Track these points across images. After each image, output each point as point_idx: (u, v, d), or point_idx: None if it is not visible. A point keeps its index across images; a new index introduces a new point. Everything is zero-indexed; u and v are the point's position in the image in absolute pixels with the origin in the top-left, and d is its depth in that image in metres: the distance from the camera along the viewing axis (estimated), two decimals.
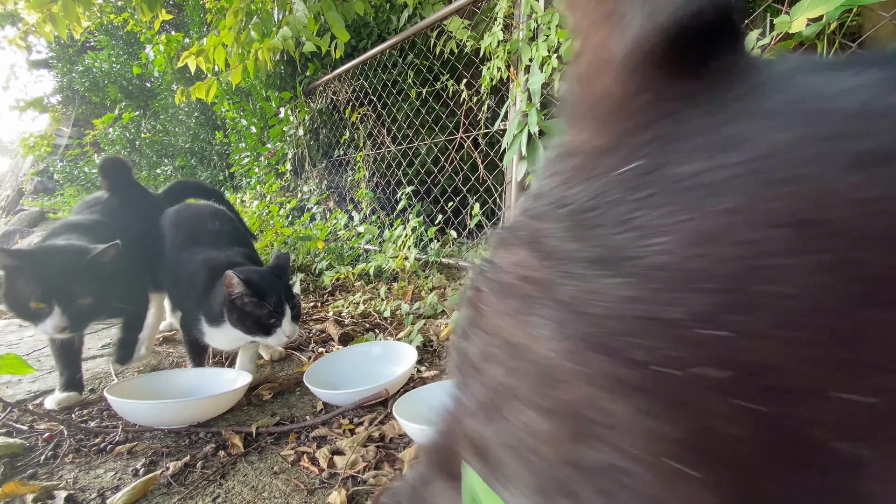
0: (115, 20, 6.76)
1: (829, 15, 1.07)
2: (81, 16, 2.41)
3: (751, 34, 1.21)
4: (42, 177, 8.89)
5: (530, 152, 1.72)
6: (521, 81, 1.78)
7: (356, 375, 1.30)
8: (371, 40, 3.31)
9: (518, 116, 1.78)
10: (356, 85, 3.21)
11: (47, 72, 10.52)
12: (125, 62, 7.83)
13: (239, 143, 4.52)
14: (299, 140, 3.65)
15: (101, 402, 1.22)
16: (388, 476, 0.86)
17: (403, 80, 2.90)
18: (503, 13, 1.87)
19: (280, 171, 3.97)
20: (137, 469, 0.92)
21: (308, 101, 3.68)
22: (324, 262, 2.67)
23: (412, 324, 1.74)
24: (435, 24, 2.39)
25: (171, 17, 3.88)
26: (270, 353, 1.55)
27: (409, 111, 2.90)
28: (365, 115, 3.18)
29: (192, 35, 4.99)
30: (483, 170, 2.34)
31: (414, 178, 2.77)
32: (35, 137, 8.51)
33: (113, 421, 1.12)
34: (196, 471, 0.91)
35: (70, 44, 9.09)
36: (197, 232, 1.34)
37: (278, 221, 3.06)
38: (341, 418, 1.09)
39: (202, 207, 1.41)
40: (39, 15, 2.31)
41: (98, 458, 0.96)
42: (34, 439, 1.04)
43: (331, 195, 3.53)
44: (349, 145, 3.38)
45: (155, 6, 2.57)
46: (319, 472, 0.89)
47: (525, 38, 1.79)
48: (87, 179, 7.25)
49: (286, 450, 0.97)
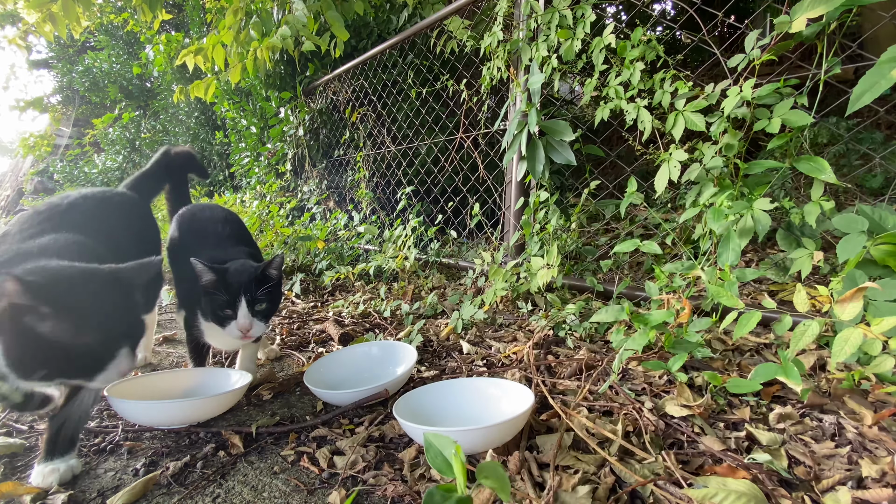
0: (115, 20, 6.76)
1: (829, 15, 1.07)
2: (81, 16, 2.41)
3: (751, 34, 1.21)
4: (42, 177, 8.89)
5: (530, 152, 1.72)
6: (521, 81, 1.78)
7: (356, 375, 1.30)
8: (371, 40, 3.31)
9: (518, 116, 1.78)
10: (356, 85, 3.21)
11: (47, 72, 10.52)
12: (125, 62, 7.82)
13: (239, 143, 4.51)
14: (299, 140, 3.65)
15: (102, 402, 1.22)
16: (388, 476, 0.86)
17: (403, 80, 2.90)
18: (503, 13, 1.87)
19: (280, 171, 3.96)
20: (137, 469, 0.92)
21: (308, 101, 3.68)
22: (324, 262, 2.67)
23: (412, 324, 1.74)
24: (435, 24, 2.39)
25: (171, 17, 3.87)
26: (266, 352, 1.55)
27: (409, 111, 2.90)
28: (365, 115, 3.18)
29: (191, 35, 4.99)
30: (483, 170, 2.34)
31: (414, 178, 2.77)
32: (35, 137, 8.50)
33: (113, 421, 1.12)
34: (196, 471, 0.91)
35: (70, 44, 9.09)
36: (204, 232, 1.34)
37: (278, 221, 3.06)
38: (341, 418, 1.09)
39: (212, 209, 1.40)
40: (39, 15, 2.31)
41: (98, 458, 0.97)
42: (34, 439, 1.04)
43: (331, 195, 3.53)
44: (349, 145, 3.38)
45: (156, 7, 2.57)
46: (319, 472, 0.89)
47: (525, 38, 1.79)
48: (87, 179, 7.24)
49: (286, 450, 0.97)
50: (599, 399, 1.07)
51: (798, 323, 0.90)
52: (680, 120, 1.30)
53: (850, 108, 0.94)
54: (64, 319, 0.72)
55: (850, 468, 0.79)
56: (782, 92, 1.18)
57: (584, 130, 1.68)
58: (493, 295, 1.71)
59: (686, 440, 0.91)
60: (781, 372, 0.86)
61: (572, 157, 1.64)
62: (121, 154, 7.15)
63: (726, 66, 1.28)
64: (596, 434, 0.92)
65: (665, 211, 2.13)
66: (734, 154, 1.25)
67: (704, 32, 1.38)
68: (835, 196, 2.15)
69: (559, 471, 0.82)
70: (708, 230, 1.30)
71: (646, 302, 1.50)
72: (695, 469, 0.82)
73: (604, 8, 1.91)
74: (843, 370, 1.07)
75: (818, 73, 1.12)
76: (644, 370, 1.21)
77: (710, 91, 1.30)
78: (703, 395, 1.04)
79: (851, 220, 1.03)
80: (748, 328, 0.93)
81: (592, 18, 1.55)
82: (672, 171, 1.33)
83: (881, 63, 0.91)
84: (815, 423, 0.94)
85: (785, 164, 1.17)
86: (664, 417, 0.98)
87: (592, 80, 1.56)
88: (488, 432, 0.85)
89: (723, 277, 1.09)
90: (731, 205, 1.18)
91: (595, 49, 1.53)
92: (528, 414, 0.91)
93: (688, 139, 1.39)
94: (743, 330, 0.94)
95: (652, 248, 1.25)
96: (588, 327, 1.48)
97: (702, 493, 0.69)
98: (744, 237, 1.14)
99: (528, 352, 1.33)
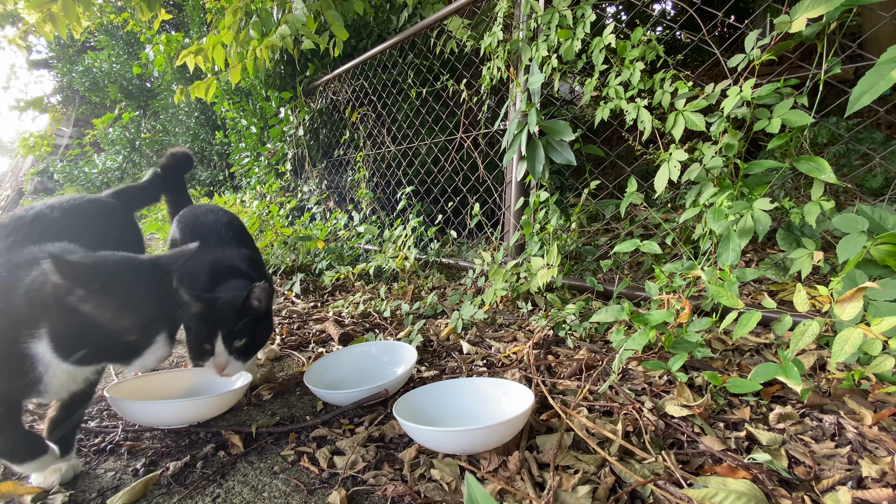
0: (115, 20, 6.76)
1: (829, 15, 1.07)
2: (81, 15, 2.41)
3: (751, 34, 1.21)
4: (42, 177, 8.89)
5: (530, 152, 1.72)
6: (521, 81, 1.78)
7: (356, 375, 1.30)
8: (371, 40, 3.31)
9: (518, 116, 1.78)
10: (356, 85, 3.21)
11: (47, 72, 10.52)
12: (125, 62, 7.83)
13: (239, 143, 4.52)
14: (299, 140, 3.65)
15: (102, 402, 1.22)
16: (388, 476, 0.86)
17: (403, 80, 2.90)
18: (503, 13, 1.87)
19: (280, 171, 3.96)
20: (137, 469, 0.92)
21: (308, 101, 3.68)
22: (324, 262, 2.67)
23: (412, 324, 1.74)
24: (435, 24, 2.39)
25: (170, 17, 3.87)
26: (266, 352, 1.55)
27: (409, 111, 2.90)
28: (365, 115, 3.18)
29: (192, 35, 4.99)
30: (483, 170, 2.34)
31: (414, 178, 2.77)
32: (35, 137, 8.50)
33: (113, 421, 1.12)
34: (196, 471, 0.91)
35: (70, 44, 9.09)
36: (205, 234, 1.32)
37: (278, 221, 3.06)
38: (341, 418, 1.09)
39: (214, 212, 1.39)
40: (39, 14, 2.31)
41: (98, 458, 0.97)
42: None
43: (331, 195, 3.53)
44: (349, 145, 3.38)
45: (154, 6, 2.57)
46: (319, 472, 0.89)
47: (525, 37, 1.79)
48: (86, 179, 7.24)
49: (286, 450, 0.97)
50: (599, 399, 1.07)
51: (798, 323, 0.90)
52: (680, 120, 1.30)
53: (849, 108, 0.95)
54: (104, 302, 0.74)
55: (850, 468, 0.79)
56: (782, 92, 1.18)
57: (584, 130, 1.68)
58: (493, 295, 1.71)
59: (686, 440, 0.91)
60: (781, 372, 0.86)
61: (572, 157, 1.64)
62: (121, 154, 7.16)
63: (726, 66, 1.28)
64: (596, 434, 0.92)
65: (665, 211, 2.13)
66: (734, 154, 1.25)
67: (704, 32, 1.38)
68: (835, 196, 2.15)
69: (559, 471, 0.82)
70: (708, 230, 1.30)
71: (646, 302, 1.50)
72: (695, 469, 0.82)
73: (604, 8, 1.91)
74: (843, 370, 1.07)
75: (818, 73, 1.12)
76: (644, 370, 1.21)
77: (710, 91, 1.30)
78: (703, 395, 1.04)
79: (851, 220, 1.03)
80: (748, 328, 0.93)
81: (592, 18, 1.55)
82: (672, 171, 1.33)
83: (881, 63, 0.91)
84: (815, 423, 0.94)
85: (785, 164, 1.17)
86: (664, 417, 0.98)
87: (592, 80, 1.56)
88: (488, 432, 0.85)
89: (723, 277, 1.09)
90: (731, 205, 1.18)
91: (595, 49, 1.53)
92: (528, 414, 0.91)
93: (688, 139, 1.39)
94: (743, 330, 0.94)
95: (652, 248, 1.25)
96: (588, 327, 1.48)
97: (702, 493, 0.69)
98: (744, 237, 1.14)
99: (528, 352, 1.33)
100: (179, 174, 1.53)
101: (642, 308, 1.44)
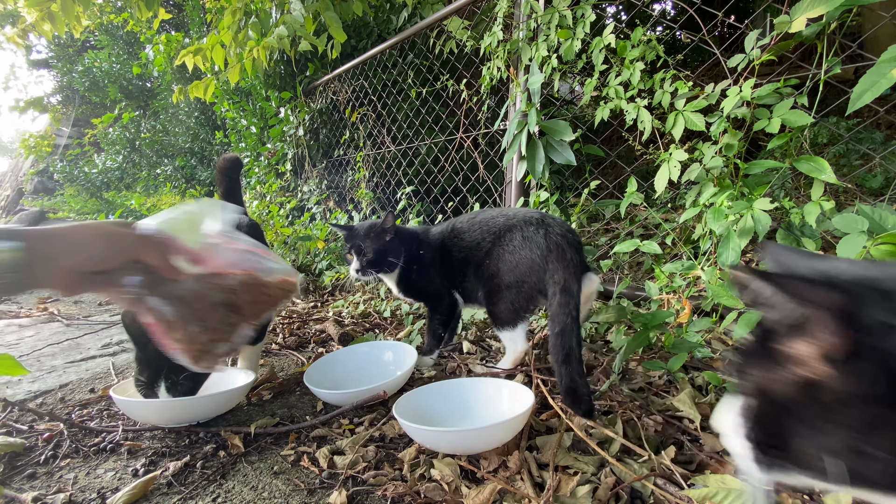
0: (114, 20, 6.76)
1: (829, 15, 1.07)
2: (81, 15, 2.41)
3: (751, 34, 1.21)
4: (42, 177, 8.90)
5: (530, 152, 1.72)
6: (521, 81, 1.78)
7: (356, 375, 1.30)
8: (371, 40, 3.31)
9: (518, 116, 1.78)
10: (356, 85, 3.21)
11: (47, 72, 10.53)
12: (125, 62, 7.82)
13: (239, 143, 4.51)
14: (299, 140, 3.65)
15: (102, 402, 1.22)
16: (388, 476, 0.86)
17: (403, 80, 2.90)
18: (503, 13, 1.87)
19: (280, 171, 3.96)
20: (137, 469, 0.92)
21: (308, 101, 3.68)
22: (324, 262, 2.67)
23: (412, 324, 1.74)
24: (435, 24, 2.39)
25: (170, 17, 3.87)
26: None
27: (409, 111, 2.89)
28: (365, 115, 3.18)
29: (191, 35, 4.99)
30: (483, 170, 2.34)
31: (414, 178, 2.77)
32: (35, 137, 8.50)
33: (113, 421, 1.12)
34: (196, 471, 0.91)
35: (70, 44, 9.10)
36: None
37: (278, 221, 3.06)
38: (341, 418, 1.09)
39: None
40: (38, 13, 2.31)
41: (98, 458, 0.97)
42: (34, 439, 1.04)
43: (331, 195, 3.53)
44: (349, 145, 3.38)
45: (152, 5, 2.57)
46: (319, 472, 0.89)
47: (525, 38, 1.79)
48: (86, 179, 7.25)
49: (286, 450, 0.97)
50: (599, 399, 1.07)
51: None
52: (680, 120, 1.30)
53: (851, 106, 0.95)
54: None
55: None
56: (782, 92, 1.18)
57: (584, 130, 1.68)
58: None
59: (686, 440, 0.91)
60: None
61: (572, 157, 1.64)
62: (121, 154, 7.16)
63: (726, 66, 1.28)
64: (596, 434, 0.92)
65: (665, 211, 2.13)
66: (734, 154, 1.25)
67: (704, 32, 1.38)
68: (835, 196, 2.15)
69: (559, 471, 0.82)
70: (708, 230, 1.30)
71: (646, 302, 1.50)
72: (695, 469, 0.82)
73: (604, 8, 1.91)
74: None
75: (818, 73, 1.12)
76: (644, 370, 1.21)
77: (710, 91, 1.30)
78: (703, 394, 1.04)
79: (851, 220, 1.02)
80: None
81: (592, 18, 1.55)
82: (672, 171, 1.33)
83: (881, 63, 0.91)
84: None
85: (785, 164, 1.17)
86: (664, 417, 0.98)
87: (592, 80, 1.56)
88: (488, 432, 0.85)
89: (723, 277, 1.09)
90: (731, 205, 1.17)
91: (595, 49, 1.53)
92: (528, 414, 0.91)
93: (688, 139, 1.39)
94: (743, 330, 0.94)
95: (652, 248, 1.25)
96: (588, 327, 1.48)
97: (702, 492, 0.69)
98: (744, 237, 1.14)
99: (529, 352, 1.33)
100: (232, 175, 1.54)
101: (642, 308, 1.44)
